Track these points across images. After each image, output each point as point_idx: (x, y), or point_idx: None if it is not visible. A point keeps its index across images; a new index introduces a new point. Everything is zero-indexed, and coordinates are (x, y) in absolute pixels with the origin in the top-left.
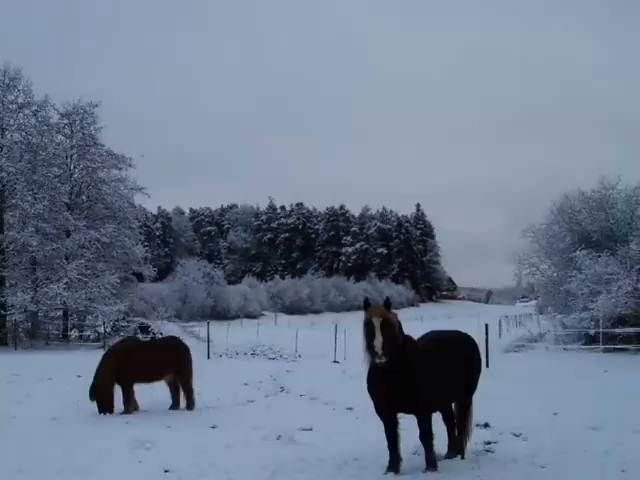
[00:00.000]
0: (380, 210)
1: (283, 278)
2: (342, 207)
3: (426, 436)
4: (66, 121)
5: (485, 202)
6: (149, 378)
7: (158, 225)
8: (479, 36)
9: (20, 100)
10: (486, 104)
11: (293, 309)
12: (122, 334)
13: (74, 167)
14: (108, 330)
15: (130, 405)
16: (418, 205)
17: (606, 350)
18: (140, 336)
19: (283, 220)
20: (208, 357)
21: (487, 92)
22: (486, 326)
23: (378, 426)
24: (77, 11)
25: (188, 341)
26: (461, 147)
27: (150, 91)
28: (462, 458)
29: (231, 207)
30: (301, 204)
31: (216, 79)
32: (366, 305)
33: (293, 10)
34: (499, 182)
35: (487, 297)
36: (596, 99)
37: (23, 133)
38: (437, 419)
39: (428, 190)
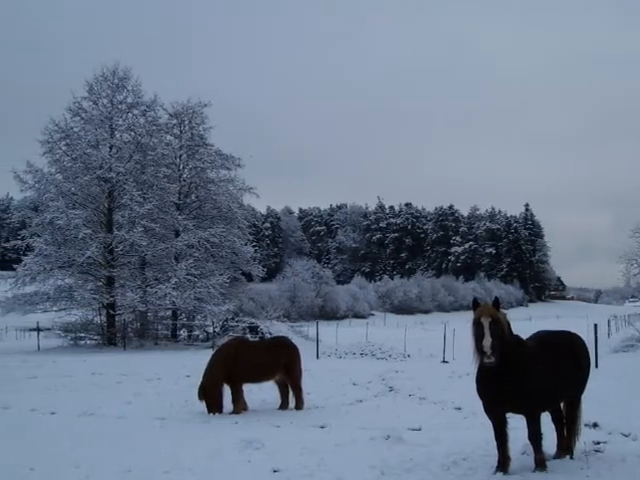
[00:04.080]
0: (489, 210)
1: (392, 278)
2: (451, 207)
3: (535, 436)
4: (175, 121)
5: (594, 202)
6: (258, 378)
7: (267, 225)
8: (579, 35)
9: (129, 100)
10: (592, 104)
11: (402, 309)
12: (231, 334)
13: (183, 167)
14: (217, 330)
15: (239, 405)
16: (527, 205)
17: None
18: (249, 336)
19: (392, 220)
20: (317, 357)
21: (592, 92)
22: (595, 326)
23: (487, 426)
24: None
25: (297, 341)
26: (569, 147)
27: (262, 91)
28: (571, 458)
29: (340, 207)
30: (410, 204)
31: (324, 81)
32: (475, 305)
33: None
34: (607, 182)
35: (596, 297)
36: None
37: (132, 133)
38: (546, 419)
39: (537, 190)
